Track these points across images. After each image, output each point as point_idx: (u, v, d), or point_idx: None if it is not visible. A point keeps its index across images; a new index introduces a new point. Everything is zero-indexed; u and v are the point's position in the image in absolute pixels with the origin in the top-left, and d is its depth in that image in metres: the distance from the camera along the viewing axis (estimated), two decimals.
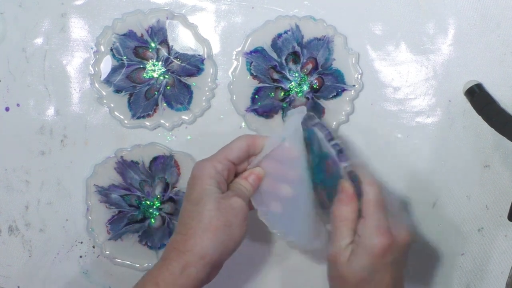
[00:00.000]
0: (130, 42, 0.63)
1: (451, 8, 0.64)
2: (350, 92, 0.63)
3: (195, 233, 0.51)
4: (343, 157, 0.52)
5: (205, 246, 0.51)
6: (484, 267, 0.65)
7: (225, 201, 0.53)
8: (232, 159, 0.55)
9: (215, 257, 0.51)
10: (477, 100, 0.62)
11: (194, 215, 0.52)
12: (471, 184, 0.64)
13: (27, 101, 0.64)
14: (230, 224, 0.52)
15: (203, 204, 0.52)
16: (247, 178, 0.56)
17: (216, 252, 0.51)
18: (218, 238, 0.51)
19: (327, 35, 0.63)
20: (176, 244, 0.52)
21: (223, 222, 0.52)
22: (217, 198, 0.53)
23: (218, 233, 0.51)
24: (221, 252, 0.52)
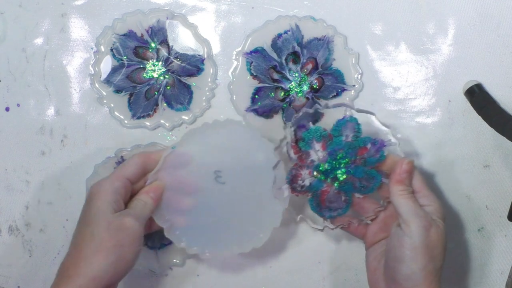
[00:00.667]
0: (130, 42, 0.63)
1: (451, 8, 0.64)
2: (350, 92, 0.63)
3: (86, 255, 0.51)
4: None
5: (95, 268, 0.50)
6: (484, 267, 0.65)
7: (117, 221, 0.52)
8: (128, 176, 0.56)
9: (106, 279, 0.51)
10: (477, 100, 0.62)
11: (85, 237, 0.52)
12: (471, 184, 0.64)
13: (27, 101, 0.64)
14: (121, 245, 0.52)
15: (95, 225, 0.52)
16: (148, 192, 0.56)
17: (107, 274, 0.51)
18: (109, 259, 0.51)
19: (327, 35, 0.63)
20: (67, 268, 0.52)
21: (114, 243, 0.51)
22: (108, 218, 0.52)
23: (109, 254, 0.51)
24: (112, 273, 0.51)
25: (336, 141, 0.57)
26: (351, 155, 0.57)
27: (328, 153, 0.57)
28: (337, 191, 0.58)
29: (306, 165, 0.57)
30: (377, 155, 0.57)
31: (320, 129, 0.57)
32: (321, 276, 0.65)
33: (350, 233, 0.60)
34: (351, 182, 0.57)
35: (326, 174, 0.57)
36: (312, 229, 0.61)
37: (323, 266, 0.65)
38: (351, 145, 0.57)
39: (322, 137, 0.57)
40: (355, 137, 0.57)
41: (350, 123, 0.57)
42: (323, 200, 0.58)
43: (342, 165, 0.57)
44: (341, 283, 0.65)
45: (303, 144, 0.57)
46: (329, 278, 0.65)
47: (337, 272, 0.65)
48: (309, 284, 0.65)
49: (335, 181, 0.58)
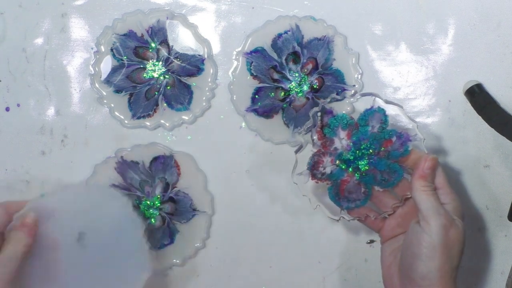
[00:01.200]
0: (130, 42, 0.63)
1: (451, 8, 0.64)
2: (350, 92, 0.63)
3: None
4: None
5: None
6: (484, 267, 0.65)
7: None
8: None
9: None
10: (477, 100, 0.62)
11: None
12: (471, 184, 0.64)
13: (28, 101, 0.64)
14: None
15: None
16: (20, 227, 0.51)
17: None
18: None
19: (327, 35, 0.63)
20: None
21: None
22: None
23: None
24: None
25: (362, 130, 0.56)
26: (375, 147, 0.56)
27: (353, 142, 0.56)
28: (357, 182, 0.57)
29: (329, 152, 0.57)
30: (401, 149, 0.56)
31: (347, 117, 0.56)
32: (321, 276, 0.65)
33: (366, 225, 0.60)
34: (373, 174, 0.57)
35: (348, 164, 0.57)
36: (311, 230, 0.61)
37: (323, 266, 0.65)
38: (376, 136, 0.56)
39: (348, 125, 0.56)
40: (381, 128, 0.56)
41: (377, 114, 0.56)
42: (342, 189, 0.57)
43: (365, 156, 0.56)
44: (341, 283, 0.65)
45: (328, 131, 0.56)
46: (329, 278, 0.65)
47: (337, 272, 0.65)
48: (309, 284, 0.65)
49: (356, 171, 0.57)
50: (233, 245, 0.65)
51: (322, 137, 0.57)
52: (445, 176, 0.55)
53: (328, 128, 0.56)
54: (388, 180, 0.57)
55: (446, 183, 0.55)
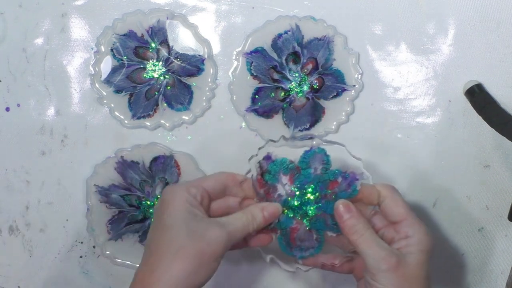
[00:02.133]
0: (130, 42, 0.63)
1: (451, 8, 0.64)
2: (350, 92, 0.63)
3: (163, 262, 0.47)
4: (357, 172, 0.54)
5: (174, 275, 0.47)
6: (484, 267, 0.65)
7: (201, 228, 0.49)
8: (207, 188, 0.52)
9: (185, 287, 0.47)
10: (477, 100, 0.62)
11: (163, 243, 0.48)
12: (471, 184, 0.64)
13: (28, 101, 0.64)
14: (202, 254, 0.48)
15: (174, 231, 0.48)
16: (263, 209, 0.53)
17: (185, 282, 0.47)
18: (189, 267, 0.47)
19: (327, 35, 0.63)
20: (142, 276, 0.48)
21: (195, 251, 0.47)
22: (190, 224, 0.48)
23: (189, 262, 0.47)
24: (191, 282, 0.47)
25: (304, 174, 0.54)
26: (321, 189, 0.54)
27: (297, 187, 0.54)
28: (308, 229, 0.54)
29: (274, 199, 0.54)
30: (349, 190, 0.53)
31: (287, 161, 0.54)
32: (321, 276, 0.65)
33: (336, 272, 0.56)
34: (323, 218, 0.54)
35: (295, 210, 0.54)
36: None
37: None
38: (320, 178, 0.54)
39: (289, 170, 0.54)
40: (324, 169, 0.54)
41: (318, 155, 0.54)
42: (293, 238, 0.54)
43: (312, 200, 0.54)
44: (341, 283, 0.65)
45: (270, 177, 0.54)
46: (329, 278, 0.65)
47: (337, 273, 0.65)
48: (309, 284, 0.65)
49: (305, 217, 0.54)
50: None
51: (263, 185, 0.54)
52: (406, 206, 0.52)
53: (269, 174, 0.54)
54: None
55: (408, 212, 0.51)
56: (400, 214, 0.51)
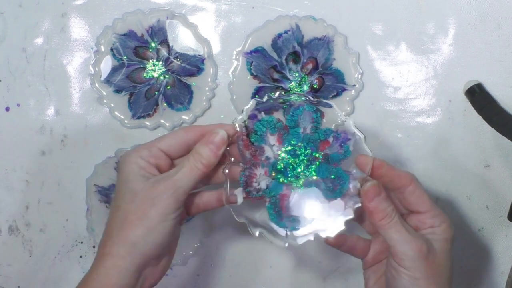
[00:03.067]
0: (130, 42, 0.63)
1: (451, 8, 0.64)
2: (351, 92, 0.63)
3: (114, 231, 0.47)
4: None
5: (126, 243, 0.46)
6: (484, 267, 0.65)
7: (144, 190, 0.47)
8: (162, 147, 0.49)
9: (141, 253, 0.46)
10: (477, 100, 0.62)
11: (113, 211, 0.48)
12: (471, 184, 0.64)
13: (27, 101, 0.64)
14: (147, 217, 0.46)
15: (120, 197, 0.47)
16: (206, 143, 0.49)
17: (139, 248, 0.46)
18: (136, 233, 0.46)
19: (327, 35, 0.63)
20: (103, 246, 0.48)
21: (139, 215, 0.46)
22: (134, 188, 0.47)
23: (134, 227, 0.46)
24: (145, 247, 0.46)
25: (293, 133, 0.50)
26: (311, 150, 0.50)
27: (285, 148, 0.50)
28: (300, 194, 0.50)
29: (261, 162, 0.50)
30: (341, 151, 0.50)
31: (274, 120, 0.50)
32: (321, 276, 0.65)
33: (344, 252, 0.53)
34: (315, 183, 0.50)
35: (285, 174, 0.50)
36: None
37: (323, 266, 0.65)
38: (310, 138, 0.50)
39: (276, 129, 0.50)
40: (314, 128, 0.50)
41: (307, 112, 0.50)
42: (283, 206, 0.50)
43: (303, 161, 0.50)
44: (341, 283, 0.65)
45: (256, 138, 0.50)
46: (329, 278, 0.65)
47: (337, 272, 0.65)
48: (309, 284, 0.65)
49: (296, 182, 0.50)
50: (233, 245, 0.65)
51: (249, 146, 0.50)
52: (428, 198, 0.50)
53: (255, 134, 0.50)
54: (333, 189, 0.49)
55: (430, 204, 0.50)
56: (425, 205, 0.49)
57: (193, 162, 0.48)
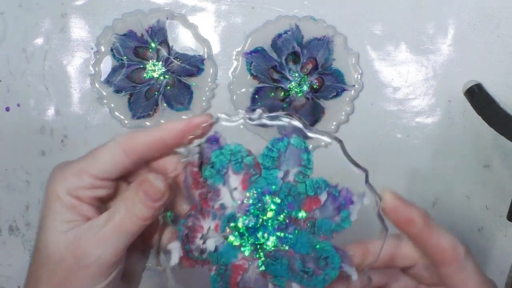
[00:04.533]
0: (130, 42, 0.63)
1: (451, 8, 0.64)
2: (350, 92, 0.63)
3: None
4: None
5: None
6: (484, 267, 0.65)
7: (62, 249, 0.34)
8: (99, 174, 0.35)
9: None
10: (477, 100, 0.62)
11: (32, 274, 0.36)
12: (471, 184, 0.64)
13: (28, 101, 0.64)
14: None
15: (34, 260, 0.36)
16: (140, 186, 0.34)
17: None
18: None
19: (327, 35, 0.63)
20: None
21: None
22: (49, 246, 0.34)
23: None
24: None
25: (267, 176, 0.34)
26: (290, 208, 0.34)
27: (252, 197, 0.34)
28: (261, 271, 0.34)
29: (212, 211, 0.35)
30: (336, 218, 0.34)
31: (242, 150, 0.35)
32: None
33: None
34: (287, 259, 0.34)
35: (244, 236, 0.34)
36: None
37: None
38: (292, 189, 0.34)
39: (243, 165, 0.34)
40: (302, 176, 0.34)
41: (293, 149, 0.34)
42: (235, 284, 0.35)
43: (274, 223, 0.34)
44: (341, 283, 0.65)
45: (211, 173, 0.34)
46: None
47: None
48: None
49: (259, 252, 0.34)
50: None
51: (200, 184, 0.34)
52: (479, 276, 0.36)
53: (211, 168, 0.34)
54: (314, 273, 0.34)
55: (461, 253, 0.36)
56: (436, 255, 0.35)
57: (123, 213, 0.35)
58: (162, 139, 0.35)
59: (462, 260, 0.35)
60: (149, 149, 0.35)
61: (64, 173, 0.35)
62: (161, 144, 0.35)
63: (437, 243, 0.33)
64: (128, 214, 0.34)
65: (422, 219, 0.33)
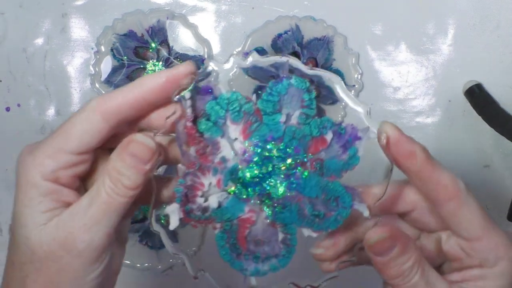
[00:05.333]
0: (130, 42, 0.63)
1: (451, 8, 0.64)
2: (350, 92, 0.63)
3: None
4: None
5: None
6: None
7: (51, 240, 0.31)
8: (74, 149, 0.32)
9: None
10: (477, 100, 0.62)
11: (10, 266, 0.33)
12: (471, 184, 0.64)
13: (28, 101, 0.64)
14: None
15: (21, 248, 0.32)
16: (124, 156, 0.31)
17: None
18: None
19: (327, 35, 0.63)
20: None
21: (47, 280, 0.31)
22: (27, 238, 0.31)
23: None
24: None
25: (268, 122, 0.32)
26: (296, 152, 0.32)
27: (254, 146, 0.32)
28: (270, 221, 0.33)
29: (213, 166, 0.32)
30: (344, 156, 0.33)
31: (239, 97, 0.32)
32: None
33: None
34: (297, 205, 0.33)
35: (249, 187, 0.33)
36: None
37: None
38: (296, 132, 0.32)
39: (243, 114, 0.32)
40: (305, 117, 0.32)
41: (295, 90, 0.32)
42: (243, 238, 0.33)
43: (281, 170, 0.33)
44: (341, 283, 0.65)
45: (208, 126, 0.32)
46: None
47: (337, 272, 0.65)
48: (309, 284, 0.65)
49: (266, 202, 0.33)
50: None
51: (196, 139, 0.32)
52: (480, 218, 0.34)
53: (207, 120, 0.32)
54: (325, 216, 0.32)
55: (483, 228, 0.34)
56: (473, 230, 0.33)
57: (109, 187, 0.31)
58: (143, 97, 0.31)
59: (463, 195, 0.33)
60: (130, 110, 0.31)
61: (37, 157, 0.32)
62: (143, 102, 0.31)
63: (438, 178, 0.33)
64: (115, 188, 0.31)
65: (423, 153, 0.33)
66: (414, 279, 0.32)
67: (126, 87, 0.31)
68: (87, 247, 0.31)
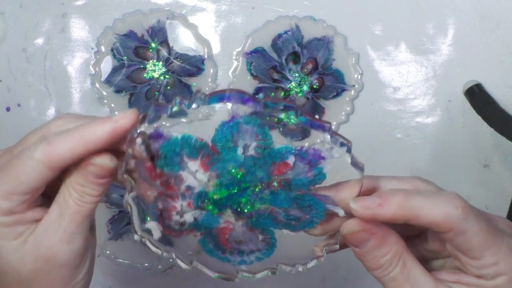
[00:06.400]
0: (130, 42, 0.63)
1: (451, 8, 0.64)
2: (350, 92, 0.63)
3: None
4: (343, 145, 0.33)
5: None
6: None
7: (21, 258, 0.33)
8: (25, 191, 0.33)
9: None
10: (476, 100, 0.62)
11: None
12: (471, 184, 0.64)
13: (28, 101, 0.64)
14: None
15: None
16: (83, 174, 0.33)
17: None
18: None
19: (327, 35, 0.63)
20: None
21: None
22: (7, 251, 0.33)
23: None
24: None
25: (226, 156, 0.33)
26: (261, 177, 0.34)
27: (217, 175, 0.34)
28: (248, 227, 0.35)
29: (180, 193, 0.34)
30: (309, 173, 0.34)
31: (192, 138, 0.33)
32: (321, 276, 0.65)
33: None
34: (269, 214, 0.35)
35: (220, 205, 0.34)
36: None
37: (323, 265, 0.65)
38: (257, 161, 0.33)
39: (197, 150, 0.33)
40: (262, 149, 0.33)
41: (245, 127, 0.33)
42: (224, 240, 0.36)
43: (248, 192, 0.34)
44: (341, 283, 0.65)
45: (165, 163, 0.33)
46: (329, 278, 0.65)
47: (337, 272, 0.65)
48: (309, 284, 0.65)
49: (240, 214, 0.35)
50: None
51: (157, 174, 0.34)
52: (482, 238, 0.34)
53: (163, 160, 0.33)
54: (300, 219, 0.35)
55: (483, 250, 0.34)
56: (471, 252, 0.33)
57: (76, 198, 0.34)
58: (88, 149, 0.33)
59: (459, 225, 0.33)
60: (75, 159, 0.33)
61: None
62: (88, 151, 0.33)
63: (427, 220, 0.33)
64: (81, 198, 0.33)
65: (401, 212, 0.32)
66: (393, 272, 0.33)
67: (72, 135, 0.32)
68: (70, 256, 0.33)
